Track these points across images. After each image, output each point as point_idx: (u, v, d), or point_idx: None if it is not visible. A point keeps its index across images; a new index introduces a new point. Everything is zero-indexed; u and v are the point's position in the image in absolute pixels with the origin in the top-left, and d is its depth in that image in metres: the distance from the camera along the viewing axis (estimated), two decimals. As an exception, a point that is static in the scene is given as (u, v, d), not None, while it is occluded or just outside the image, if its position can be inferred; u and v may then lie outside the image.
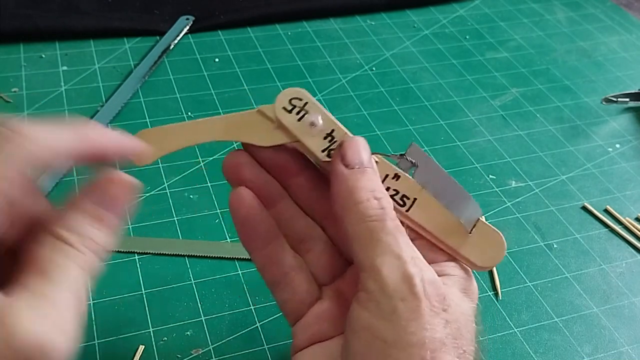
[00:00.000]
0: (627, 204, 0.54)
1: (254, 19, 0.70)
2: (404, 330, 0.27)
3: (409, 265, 0.28)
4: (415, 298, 0.27)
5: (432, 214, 0.32)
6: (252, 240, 0.34)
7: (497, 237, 0.33)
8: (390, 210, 0.30)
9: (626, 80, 0.69)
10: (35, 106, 0.56)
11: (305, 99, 0.32)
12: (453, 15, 0.77)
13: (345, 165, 0.31)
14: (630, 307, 0.46)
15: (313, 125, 0.32)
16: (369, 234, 0.29)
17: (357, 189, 0.30)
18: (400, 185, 0.33)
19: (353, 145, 0.31)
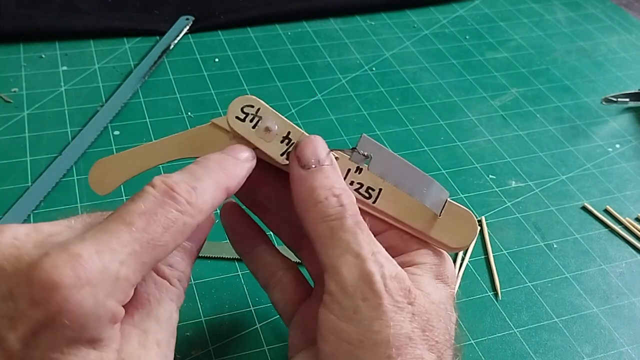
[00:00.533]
0: (627, 204, 0.54)
1: (254, 19, 0.70)
2: (368, 330, 0.27)
3: (368, 262, 0.28)
4: (376, 296, 0.27)
5: (400, 202, 0.32)
6: (240, 244, 0.36)
7: (467, 215, 0.33)
8: (350, 205, 0.29)
9: (626, 80, 0.69)
10: (35, 106, 0.56)
11: (256, 105, 0.32)
12: (453, 15, 0.77)
13: (302, 166, 0.30)
14: (630, 307, 0.46)
15: (268, 130, 0.32)
16: (329, 233, 0.29)
17: (315, 189, 0.30)
18: (363, 177, 0.32)
19: (308, 145, 0.31)
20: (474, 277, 0.46)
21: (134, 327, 0.25)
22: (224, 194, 0.28)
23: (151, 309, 0.25)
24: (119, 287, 0.22)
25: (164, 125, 0.56)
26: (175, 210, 0.25)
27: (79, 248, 0.22)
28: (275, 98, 0.60)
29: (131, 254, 0.23)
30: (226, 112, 0.32)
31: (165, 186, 0.25)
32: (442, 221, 0.32)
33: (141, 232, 0.23)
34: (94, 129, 0.54)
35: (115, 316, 0.23)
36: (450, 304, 0.30)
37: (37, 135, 0.53)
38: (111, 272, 0.22)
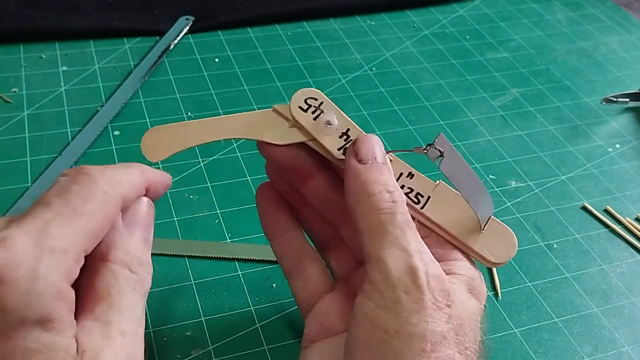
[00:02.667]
0: (627, 204, 0.54)
1: (254, 19, 0.70)
2: (406, 322, 0.27)
3: (414, 258, 0.28)
4: (418, 290, 0.28)
5: (446, 211, 0.33)
6: (272, 228, 0.36)
7: (508, 233, 0.33)
8: (401, 204, 0.30)
9: (626, 80, 0.69)
10: (35, 106, 0.56)
11: (320, 98, 0.33)
12: (453, 15, 0.77)
13: (359, 161, 0.31)
14: (630, 307, 0.46)
15: (328, 124, 0.32)
16: (379, 225, 0.29)
17: (370, 182, 0.30)
18: (414, 183, 0.33)
19: (367, 142, 0.32)
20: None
21: (96, 321, 0.24)
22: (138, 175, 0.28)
23: (112, 300, 0.25)
24: (57, 260, 0.22)
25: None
26: (89, 183, 0.25)
27: (4, 233, 0.22)
28: (275, 98, 0.60)
29: (60, 226, 0.23)
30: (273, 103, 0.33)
31: (76, 168, 0.26)
32: (484, 236, 0.33)
33: (61, 207, 0.23)
34: (94, 129, 0.54)
35: (61, 293, 0.22)
36: (479, 318, 0.31)
37: (37, 135, 0.53)
38: (44, 247, 0.22)
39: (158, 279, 0.43)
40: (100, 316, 0.24)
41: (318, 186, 0.35)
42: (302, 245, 0.36)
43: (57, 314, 0.22)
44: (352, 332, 0.29)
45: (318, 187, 0.35)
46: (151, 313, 0.41)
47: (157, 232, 0.46)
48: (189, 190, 0.50)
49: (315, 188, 0.35)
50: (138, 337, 0.26)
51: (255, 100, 0.60)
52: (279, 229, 0.36)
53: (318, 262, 0.36)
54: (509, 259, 0.33)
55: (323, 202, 0.35)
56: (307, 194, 0.35)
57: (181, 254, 0.45)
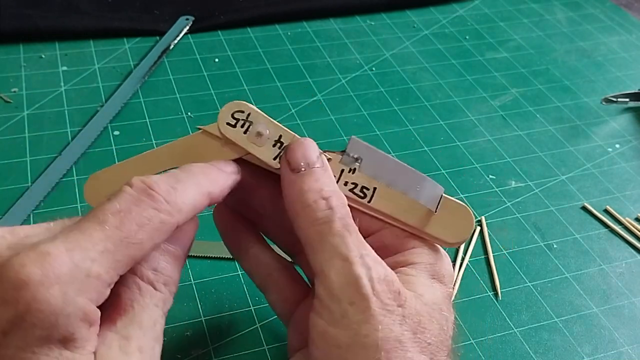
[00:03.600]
0: (627, 204, 0.54)
1: (254, 19, 0.70)
2: (356, 334, 0.27)
3: (355, 265, 0.27)
4: (363, 299, 0.27)
5: (395, 200, 0.32)
6: (235, 247, 0.36)
7: (463, 209, 0.33)
8: (340, 208, 0.29)
9: (626, 80, 0.69)
10: (35, 106, 0.56)
11: (247, 110, 0.32)
12: (453, 15, 0.77)
13: (292, 170, 0.30)
14: (630, 307, 0.46)
15: (260, 134, 0.32)
16: (318, 237, 0.29)
17: (304, 192, 0.29)
18: (357, 177, 0.32)
19: (298, 148, 0.31)
20: (474, 277, 0.46)
21: (116, 334, 0.24)
22: (205, 198, 0.28)
23: (134, 315, 0.25)
24: (90, 285, 0.22)
25: (163, 125, 0.56)
26: (151, 208, 0.24)
27: (49, 247, 0.22)
28: (275, 98, 0.60)
29: (103, 252, 0.23)
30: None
31: (144, 185, 0.25)
32: (439, 217, 0.32)
33: (114, 230, 0.23)
34: (94, 129, 0.54)
35: (87, 315, 0.22)
36: (446, 304, 0.30)
37: (37, 135, 0.53)
38: (81, 270, 0.22)
39: (158, 279, 0.43)
40: (121, 329, 0.24)
41: (265, 197, 0.34)
42: (267, 258, 0.35)
43: (80, 334, 0.22)
44: (310, 351, 0.29)
45: (265, 198, 0.34)
46: (151, 313, 0.41)
47: (157, 232, 0.46)
48: (189, 190, 0.50)
49: (262, 199, 0.34)
50: (155, 354, 0.26)
51: (255, 100, 0.60)
52: (242, 247, 0.35)
53: (288, 271, 0.35)
54: (467, 235, 0.33)
55: (274, 211, 0.34)
56: (257, 206, 0.34)
57: (181, 254, 0.45)
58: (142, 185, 0.25)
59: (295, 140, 0.31)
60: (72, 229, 0.23)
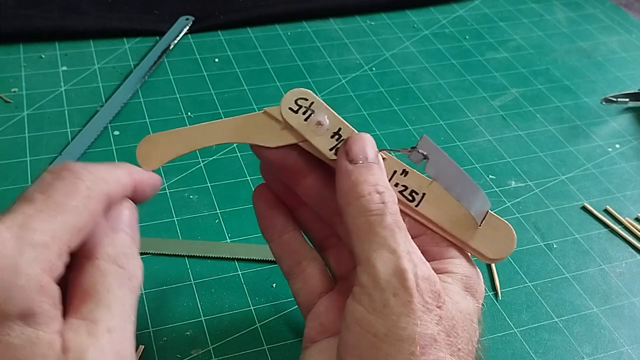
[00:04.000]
0: (627, 204, 0.54)
1: (254, 19, 0.70)
2: (395, 325, 0.27)
3: (403, 260, 0.28)
4: (407, 293, 0.27)
5: (442, 208, 0.32)
6: (269, 229, 0.36)
7: (507, 228, 0.33)
8: (392, 205, 0.30)
9: (626, 80, 0.69)
10: (35, 106, 0.56)
11: (311, 99, 0.32)
12: (453, 15, 0.77)
13: (350, 161, 0.31)
14: (630, 307, 0.46)
15: (320, 124, 0.32)
16: (368, 227, 0.29)
17: (360, 183, 0.30)
18: (408, 180, 0.33)
19: (358, 141, 0.32)
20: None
21: (82, 319, 0.24)
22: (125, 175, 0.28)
23: (99, 297, 0.25)
24: (39, 254, 0.22)
25: (164, 125, 0.56)
26: (74, 179, 0.25)
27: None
28: (275, 98, 0.60)
29: (41, 221, 0.23)
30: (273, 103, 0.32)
31: (61, 166, 0.26)
32: (482, 231, 0.33)
33: (44, 202, 0.23)
34: (94, 129, 0.54)
35: (43, 287, 0.22)
36: (476, 318, 0.31)
37: (37, 135, 0.53)
38: (25, 241, 0.22)
39: (158, 279, 0.43)
40: (87, 314, 0.24)
41: (312, 185, 0.34)
42: (300, 245, 0.36)
43: (40, 308, 0.22)
44: (343, 335, 0.29)
45: (312, 186, 0.34)
46: (151, 313, 0.41)
47: (157, 232, 0.46)
48: (189, 190, 0.50)
49: (309, 187, 0.34)
50: (127, 333, 0.25)
51: (255, 100, 0.60)
52: (277, 231, 0.36)
53: (317, 262, 0.36)
54: (507, 254, 0.33)
55: (317, 201, 0.35)
56: (302, 193, 0.35)
57: (181, 254, 0.45)
58: (58, 166, 0.26)
59: (356, 134, 0.32)
60: (3, 214, 0.23)
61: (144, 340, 0.39)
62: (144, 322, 0.40)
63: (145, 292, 0.42)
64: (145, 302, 0.42)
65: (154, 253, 0.45)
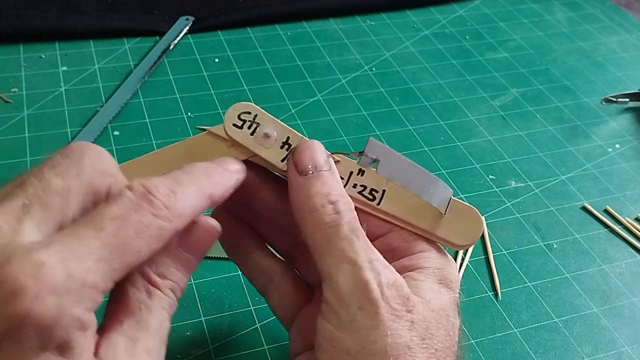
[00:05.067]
0: (627, 204, 0.54)
1: (254, 19, 0.70)
2: (365, 340, 0.26)
3: (364, 270, 0.27)
4: (372, 304, 0.27)
5: (404, 202, 0.32)
6: (236, 252, 0.35)
7: (473, 212, 0.32)
8: (347, 213, 0.29)
9: (626, 81, 0.69)
10: (35, 106, 0.56)
11: (254, 111, 0.32)
12: (453, 15, 0.77)
13: (299, 173, 0.30)
14: (630, 307, 0.46)
15: (267, 136, 0.31)
16: (326, 241, 0.28)
17: (311, 196, 0.29)
18: (366, 179, 0.32)
19: (305, 151, 0.31)
20: (474, 277, 0.46)
21: (122, 335, 0.24)
22: (206, 201, 0.27)
23: (141, 317, 0.25)
24: (86, 294, 0.22)
25: (163, 125, 0.56)
26: (150, 214, 0.24)
27: (43, 256, 0.21)
28: (275, 98, 0.60)
29: (99, 261, 0.22)
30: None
31: (143, 189, 0.24)
32: (448, 219, 0.32)
33: (111, 238, 0.22)
34: (94, 129, 0.54)
35: (83, 323, 0.22)
36: (452, 310, 0.30)
37: (37, 136, 0.53)
38: (76, 280, 0.21)
39: (158, 279, 0.43)
40: (127, 331, 0.24)
41: (267, 199, 0.33)
42: (269, 262, 0.35)
43: (76, 342, 0.22)
44: (317, 354, 0.28)
45: (267, 200, 0.33)
46: (151, 313, 0.41)
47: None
48: (189, 190, 0.50)
49: (264, 201, 0.33)
50: (161, 356, 0.25)
51: (255, 100, 0.60)
52: (242, 252, 0.35)
53: (289, 276, 0.35)
54: (476, 238, 0.32)
55: (275, 213, 0.34)
56: (258, 207, 0.34)
57: (181, 254, 0.45)
58: (141, 190, 0.24)
59: (303, 142, 0.31)
60: (67, 235, 0.22)
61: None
62: (144, 322, 0.40)
63: (145, 292, 0.42)
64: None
65: (154, 253, 0.45)
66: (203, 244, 0.28)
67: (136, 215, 0.23)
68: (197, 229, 0.28)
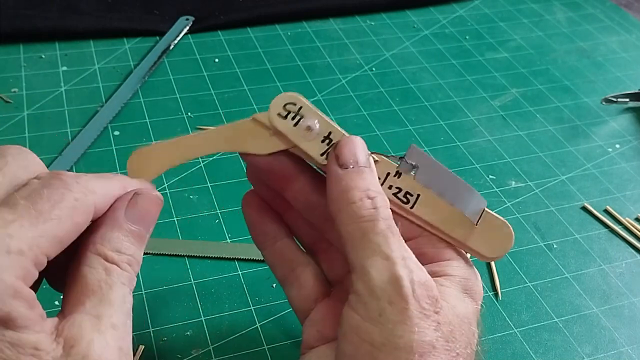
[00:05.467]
0: (627, 204, 0.54)
1: (254, 19, 0.70)
2: (392, 333, 0.27)
3: (398, 266, 0.28)
4: (402, 300, 0.27)
5: (437, 208, 0.32)
6: (261, 237, 0.36)
7: (504, 225, 0.33)
8: (384, 209, 0.29)
9: (626, 81, 0.69)
10: (35, 106, 0.56)
11: (299, 103, 0.32)
12: (453, 15, 0.77)
13: (340, 166, 0.30)
14: (630, 307, 0.46)
15: (309, 129, 0.32)
16: (360, 234, 0.29)
17: (350, 189, 0.30)
18: (402, 182, 0.32)
19: (348, 145, 0.31)
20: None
21: (86, 314, 0.24)
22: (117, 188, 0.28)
23: (103, 294, 0.25)
24: (14, 262, 0.22)
25: (164, 125, 0.56)
26: (62, 189, 0.25)
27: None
28: (275, 98, 0.60)
29: (20, 228, 0.23)
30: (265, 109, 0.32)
31: (51, 173, 0.26)
32: (479, 230, 0.32)
33: (27, 209, 0.23)
34: (94, 129, 0.54)
35: (18, 292, 0.22)
36: (474, 320, 0.30)
37: (37, 136, 0.53)
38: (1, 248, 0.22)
39: (158, 279, 0.43)
40: (90, 309, 0.25)
41: (301, 190, 0.34)
42: (293, 252, 0.35)
43: (17, 312, 0.22)
44: (340, 344, 0.29)
45: (301, 191, 0.34)
46: (151, 313, 0.41)
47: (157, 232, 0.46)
48: (189, 190, 0.50)
49: (298, 192, 0.34)
50: (127, 330, 0.26)
51: (255, 100, 0.60)
52: (269, 238, 0.36)
53: (311, 268, 0.35)
54: (505, 251, 0.33)
55: (306, 205, 0.34)
56: (290, 198, 0.34)
57: (181, 254, 0.45)
58: (48, 174, 0.25)
59: (346, 137, 0.32)
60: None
61: (144, 340, 0.39)
62: (144, 322, 0.41)
63: (145, 292, 0.42)
64: (145, 302, 0.42)
65: (154, 253, 0.45)
66: (149, 215, 0.28)
67: (48, 190, 0.24)
68: (142, 200, 0.28)
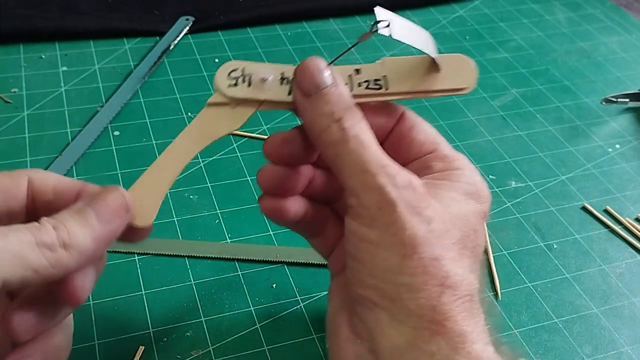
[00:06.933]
0: (627, 204, 0.54)
1: (254, 19, 0.70)
2: (385, 233, 0.29)
3: (378, 176, 0.29)
4: (390, 204, 0.29)
5: (405, 77, 0.34)
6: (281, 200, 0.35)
7: (461, 58, 0.34)
8: (353, 126, 0.30)
9: (626, 81, 0.69)
10: (35, 107, 0.56)
11: (240, 65, 0.32)
12: (453, 15, 0.77)
13: (305, 95, 0.31)
14: (630, 307, 0.46)
15: (263, 80, 0.32)
16: (338, 157, 0.30)
17: (317, 118, 0.31)
18: (365, 74, 0.34)
19: (304, 73, 0.31)
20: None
21: None
22: None
23: None
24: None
25: (163, 125, 0.56)
26: None
27: None
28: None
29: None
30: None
31: None
32: (445, 73, 0.34)
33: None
34: (94, 129, 0.54)
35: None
36: (474, 218, 0.31)
37: (37, 136, 0.53)
38: None
39: (158, 279, 0.43)
40: None
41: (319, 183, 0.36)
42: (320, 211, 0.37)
43: None
44: (344, 245, 0.31)
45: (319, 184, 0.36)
46: (151, 313, 0.41)
47: (157, 232, 0.46)
48: (189, 190, 0.50)
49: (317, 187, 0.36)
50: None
51: (255, 100, 0.60)
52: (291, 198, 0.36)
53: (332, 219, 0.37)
54: (474, 78, 0.34)
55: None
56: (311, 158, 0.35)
57: (181, 254, 0.45)
58: None
59: (299, 65, 0.32)
60: None
61: (144, 340, 0.39)
62: (144, 322, 0.40)
63: (145, 292, 0.42)
64: (145, 302, 0.42)
65: (154, 253, 0.45)
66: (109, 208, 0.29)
67: None
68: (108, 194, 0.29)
